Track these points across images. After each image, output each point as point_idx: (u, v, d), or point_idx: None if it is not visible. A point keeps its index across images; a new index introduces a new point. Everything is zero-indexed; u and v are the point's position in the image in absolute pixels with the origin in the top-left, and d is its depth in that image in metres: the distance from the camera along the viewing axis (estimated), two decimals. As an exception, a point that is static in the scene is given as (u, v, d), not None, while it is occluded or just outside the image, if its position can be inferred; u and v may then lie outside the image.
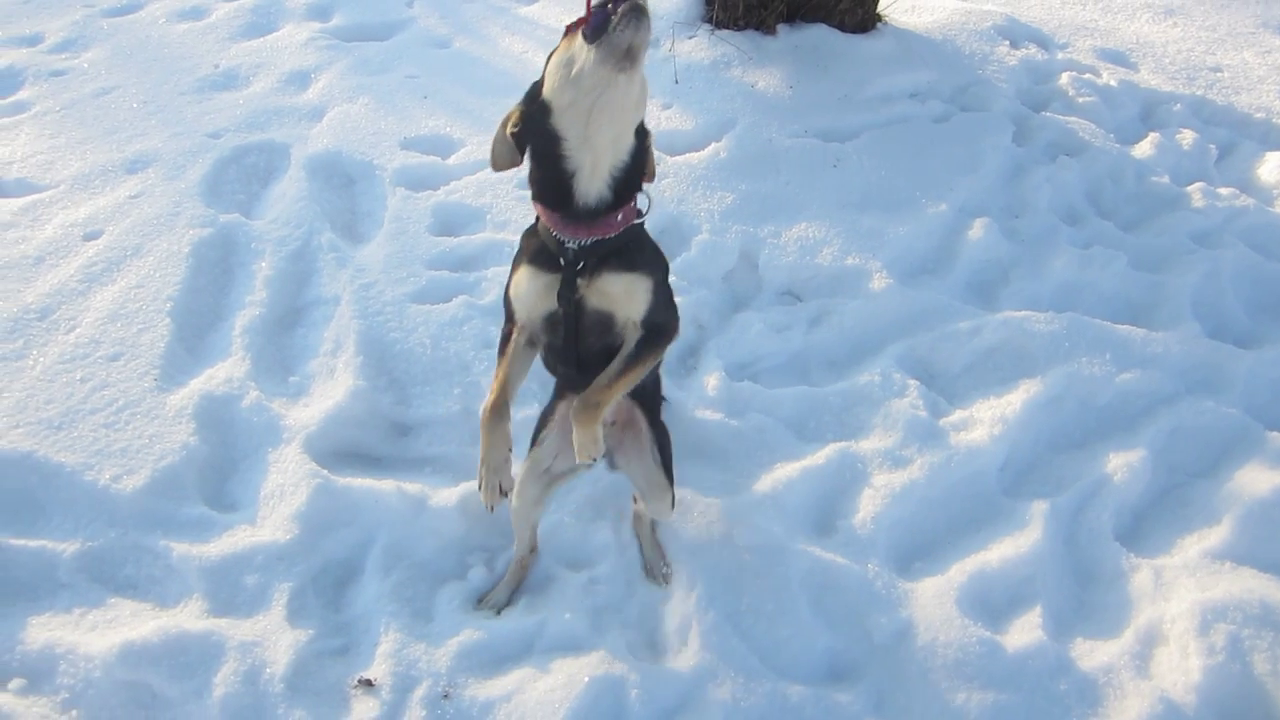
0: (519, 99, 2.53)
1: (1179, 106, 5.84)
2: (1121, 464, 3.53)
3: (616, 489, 3.38)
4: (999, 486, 3.56)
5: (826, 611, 3.09)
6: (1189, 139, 5.54)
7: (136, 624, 2.83)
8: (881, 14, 5.82)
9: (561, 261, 2.54)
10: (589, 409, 2.59)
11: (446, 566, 3.18)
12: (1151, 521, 3.48)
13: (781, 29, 5.61)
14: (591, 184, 2.45)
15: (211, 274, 4.04)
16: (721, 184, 4.63)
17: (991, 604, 3.15)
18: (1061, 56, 6.19)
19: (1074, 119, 5.47)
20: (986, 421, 3.66)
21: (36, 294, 3.81)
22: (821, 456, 3.52)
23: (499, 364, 2.73)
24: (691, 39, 5.53)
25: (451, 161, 4.77)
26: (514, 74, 5.41)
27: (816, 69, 5.42)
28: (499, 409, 2.67)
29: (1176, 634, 2.99)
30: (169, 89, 5.22)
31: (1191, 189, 5.08)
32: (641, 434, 3.00)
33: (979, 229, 4.56)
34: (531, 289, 2.61)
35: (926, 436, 3.60)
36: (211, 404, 3.46)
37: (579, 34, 2.31)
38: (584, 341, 2.65)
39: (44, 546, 2.98)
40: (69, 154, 4.68)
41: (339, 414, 3.48)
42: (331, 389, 3.57)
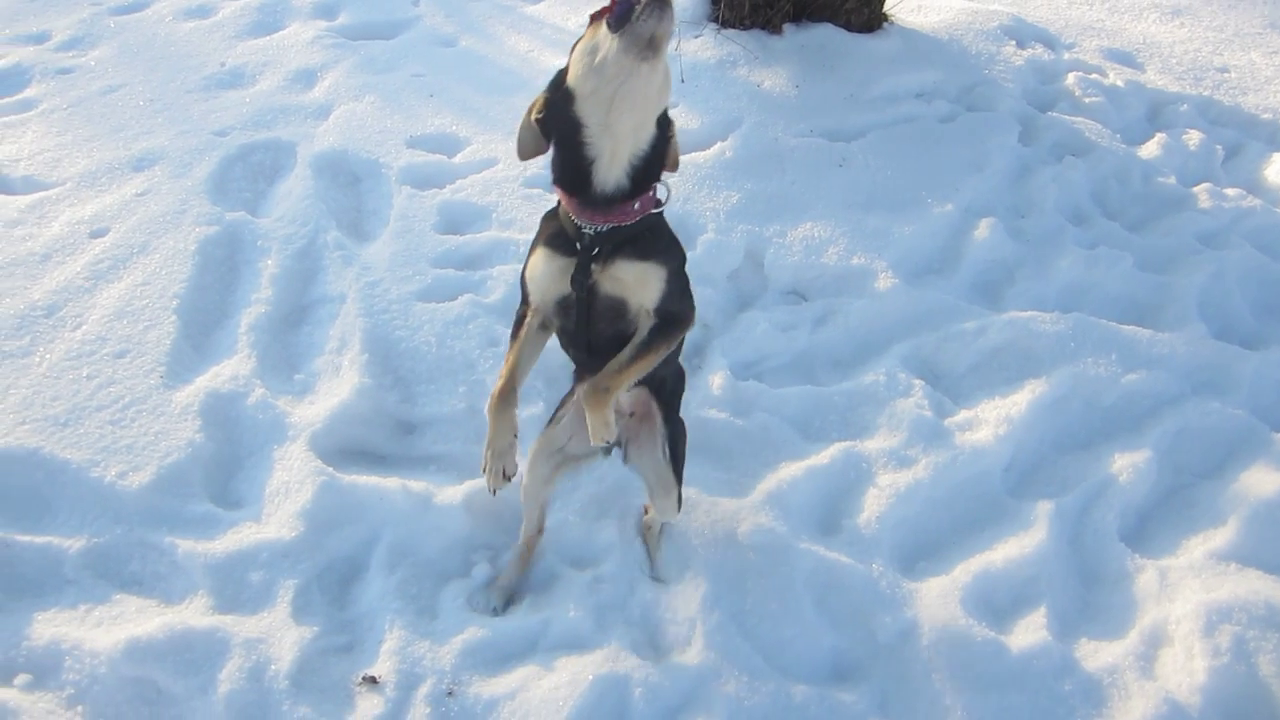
0: (524, 96, 2.54)
1: (1186, 107, 5.84)
2: (1127, 465, 3.53)
3: (621, 487, 3.38)
4: (1004, 487, 3.56)
5: (831, 611, 3.09)
6: (1195, 139, 5.53)
7: (142, 620, 2.83)
8: (888, 13, 5.82)
9: (578, 246, 2.56)
10: (598, 393, 2.62)
11: (451, 564, 3.18)
12: (1157, 522, 3.48)
13: (787, 28, 5.61)
14: (610, 171, 2.47)
15: (217, 271, 4.04)
16: (727, 183, 4.63)
17: (996, 604, 3.15)
18: (1068, 56, 6.18)
19: (1080, 119, 5.46)
20: (991, 422, 3.65)
21: (43, 291, 3.82)
22: (826, 456, 3.52)
23: (511, 348, 2.76)
24: (697, 38, 5.53)
25: (457, 160, 4.77)
26: (520, 73, 5.42)
27: (822, 68, 5.41)
28: (506, 395, 2.71)
29: (1181, 635, 2.98)
30: (175, 87, 5.22)
31: (1198, 190, 5.08)
32: (655, 428, 3.01)
33: (985, 229, 4.55)
34: (546, 271, 2.63)
35: (931, 436, 3.60)
36: (217, 401, 3.46)
37: (603, 23, 2.33)
38: (596, 326, 2.67)
39: (50, 543, 2.98)
40: (75, 151, 4.68)
41: (344, 412, 3.48)
42: (337, 387, 3.58)
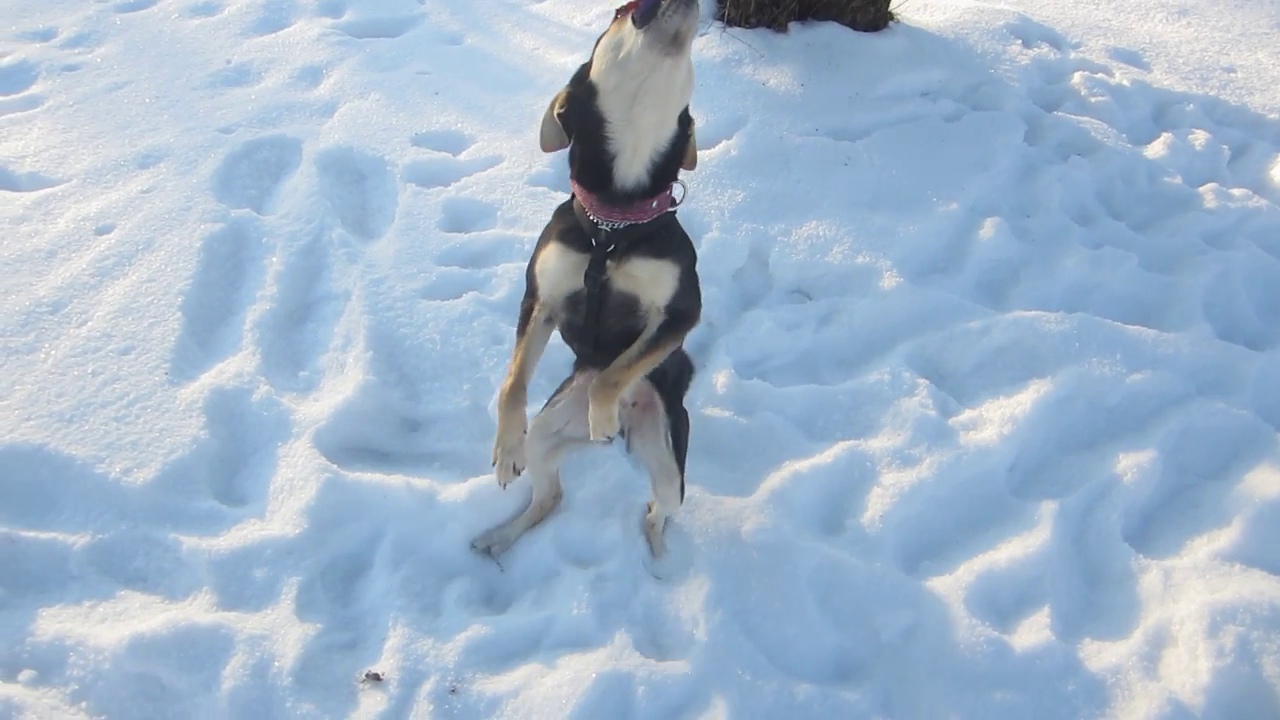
0: (530, 94, 2.54)
1: (1192, 107, 5.83)
2: (1131, 465, 3.53)
3: (625, 486, 3.38)
4: (1008, 486, 3.56)
5: (834, 610, 3.09)
6: (1202, 139, 5.52)
7: (146, 616, 2.84)
8: (893, 12, 5.81)
9: (593, 242, 2.56)
10: (607, 388, 2.63)
11: (455, 562, 3.18)
12: (1161, 523, 3.48)
13: (793, 27, 5.60)
14: (631, 168, 2.47)
15: (222, 269, 4.05)
16: (732, 182, 4.63)
17: (1000, 604, 3.15)
18: (1074, 56, 6.17)
19: (1086, 119, 5.45)
20: (996, 421, 3.65)
21: (48, 287, 3.83)
22: (830, 455, 3.52)
23: (518, 342, 2.77)
24: (703, 36, 5.52)
25: (462, 158, 4.77)
26: (525, 70, 5.41)
27: (828, 67, 5.41)
28: (516, 391, 2.73)
29: (1185, 635, 2.98)
30: (181, 84, 5.23)
31: (1204, 190, 5.07)
32: (658, 417, 3.02)
33: (990, 228, 4.55)
34: (559, 266, 2.64)
35: (936, 436, 3.59)
36: (222, 398, 3.46)
37: (628, 18, 2.33)
38: (605, 323, 2.68)
39: (55, 539, 2.99)
40: (81, 148, 4.69)
41: (349, 409, 3.48)
42: (341, 384, 3.58)
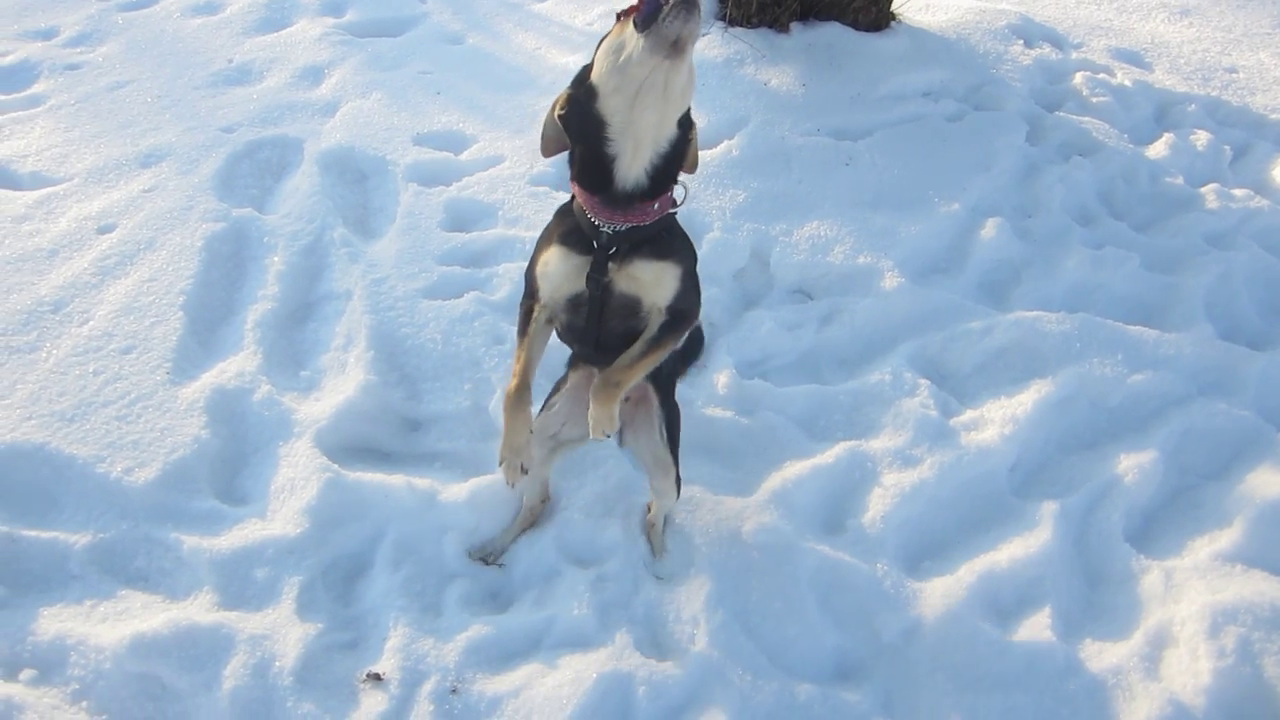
0: (531, 94, 2.54)
1: (1194, 107, 5.82)
2: (1132, 465, 3.52)
3: (626, 486, 3.38)
4: (1009, 487, 3.56)
5: (835, 610, 3.09)
6: (1203, 140, 5.51)
7: (147, 616, 2.84)
8: (895, 12, 5.80)
9: (595, 245, 2.56)
10: (609, 388, 2.64)
11: (456, 562, 3.18)
12: (1162, 523, 3.47)
13: (795, 27, 5.60)
14: (631, 170, 2.47)
15: (224, 268, 4.05)
16: (733, 182, 4.63)
17: (1001, 604, 3.15)
18: (1076, 56, 6.17)
19: (1088, 119, 5.45)
20: (997, 421, 3.65)
21: (50, 287, 3.83)
22: (831, 455, 3.51)
23: (520, 345, 2.77)
24: (705, 36, 5.52)
25: (464, 157, 4.78)
26: (527, 70, 5.42)
27: (830, 67, 5.41)
28: (521, 392, 2.74)
29: (1186, 636, 2.98)
30: (183, 83, 5.23)
31: (1205, 190, 5.06)
32: (652, 411, 3.03)
33: (991, 228, 4.54)
34: (561, 269, 2.64)
35: (937, 436, 3.59)
36: (223, 397, 3.47)
37: (630, 21, 2.33)
38: (606, 324, 2.69)
39: (56, 538, 3.00)
40: (83, 148, 4.70)
41: (350, 409, 3.49)
42: (342, 384, 3.58)
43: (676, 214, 2.68)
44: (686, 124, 2.53)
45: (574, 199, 2.63)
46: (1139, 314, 4.28)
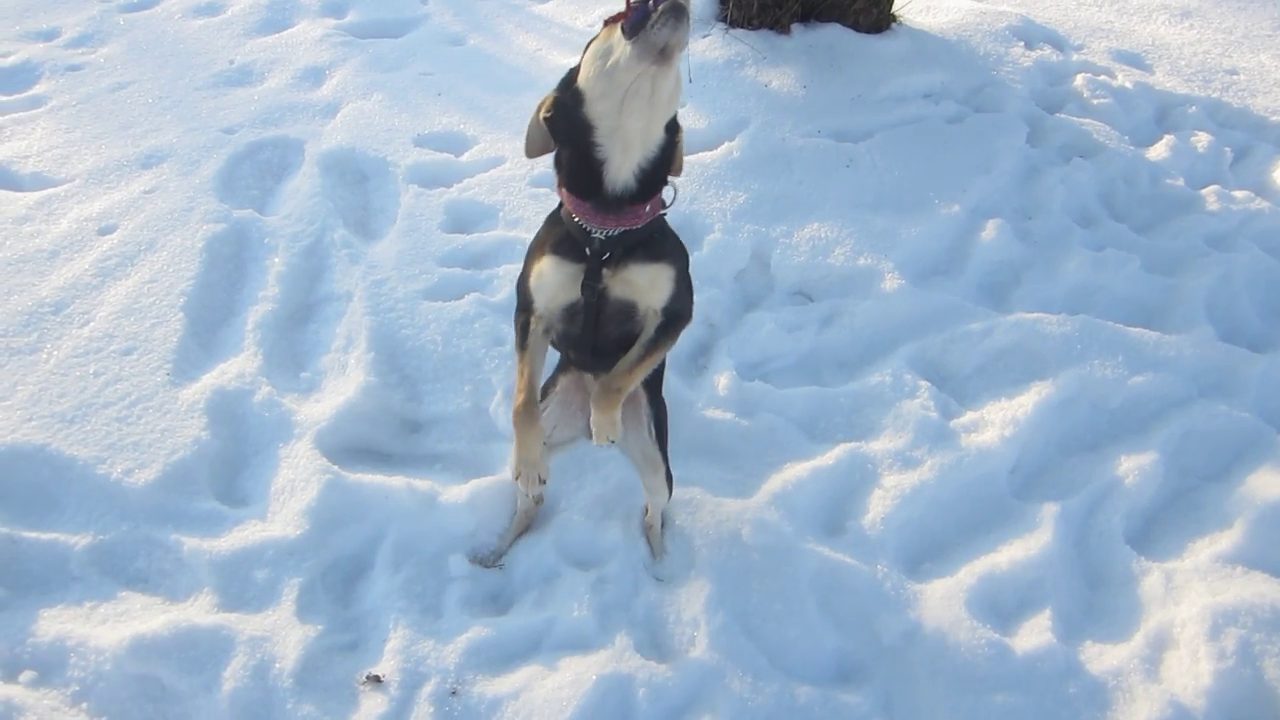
0: (532, 95, 2.54)
1: (1194, 109, 5.82)
2: (1133, 467, 3.52)
3: (625, 488, 3.38)
4: (1009, 488, 3.55)
5: (835, 612, 3.09)
6: (1204, 142, 5.51)
7: (147, 617, 2.84)
8: (896, 14, 5.81)
9: (587, 251, 2.56)
10: (610, 394, 2.64)
11: (455, 564, 3.18)
12: (1162, 525, 3.47)
13: (796, 28, 5.60)
14: (619, 175, 2.46)
15: (225, 269, 4.05)
16: (734, 183, 4.63)
17: (1001, 606, 3.15)
18: (1076, 58, 6.16)
19: (1088, 121, 5.45)
20: (997, 423, 3.65)
21: (51, 288, 3.83)
22: (831, 457, 3.51)
23: (522, 359, 2.75)
24: (705, 38, 5.53)
25: (464, 159, 4.78)
26: (528, 71, 5.42)
27: (830, 69, 5.41)
28: (529, 407, 2.75)
29: (1187, 638, 2.98)
30: (184, 84, 5.24)
31: (1206, 192, 5.06)
32: (640, 409, 3.03)
33: (992, 230, 4.54)
34: (555, 279, 2.63)
35: (937, 438, 3.59)
36: (223, 399, 3.47)
37: (618, 27, 2.33)
38: (603, 330, 2.68)
39: (56, 539, 3.00)
40: (84, 149, 4.70)
41: (350, 410, 3.49)
42: (343, 385, 3.58)
43: (666, 216, 2.67)
44: (674, 128, 2.53)
45: (562, 206, 2.62)
46: (1140, 316, 4.28)
